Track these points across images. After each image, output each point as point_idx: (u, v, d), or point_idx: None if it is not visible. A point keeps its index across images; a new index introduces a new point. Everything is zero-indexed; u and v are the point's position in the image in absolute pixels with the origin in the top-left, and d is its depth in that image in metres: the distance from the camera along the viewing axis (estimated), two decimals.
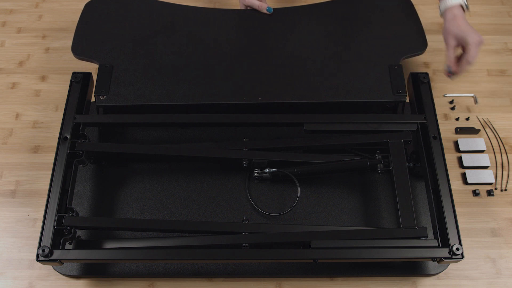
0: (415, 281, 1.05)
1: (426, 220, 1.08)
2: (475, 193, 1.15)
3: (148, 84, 1.14)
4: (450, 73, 1.15)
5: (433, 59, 1.36)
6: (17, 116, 1.26)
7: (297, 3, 1.44)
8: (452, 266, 1.06)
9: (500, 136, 1.23)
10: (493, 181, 1.16)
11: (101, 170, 1.15)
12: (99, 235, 1.07)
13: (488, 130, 1.24)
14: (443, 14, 1.16)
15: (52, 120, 1.25)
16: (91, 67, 1.24)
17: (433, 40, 1.35)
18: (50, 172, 1.03)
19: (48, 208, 0.99)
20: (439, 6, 1.17)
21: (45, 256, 0.94)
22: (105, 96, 1.12)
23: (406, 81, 1.18)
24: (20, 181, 1.17)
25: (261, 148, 1.09)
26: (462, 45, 1.13)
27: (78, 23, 1.23)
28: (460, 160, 1.19)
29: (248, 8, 1.28)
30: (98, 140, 1.17)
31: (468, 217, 1.12)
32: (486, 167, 1.18)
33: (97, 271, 1.05)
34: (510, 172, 1.18)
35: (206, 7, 1.29)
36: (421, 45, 1.19)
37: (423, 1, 1.45)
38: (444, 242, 0.97)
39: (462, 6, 1.14)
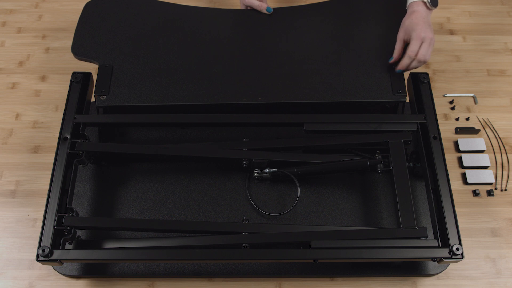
0: (415, 281, 1.05)
1: (426, 220, 1.08)
2: (475, 193, 1.15)
3: (148, 84, 1.14)
4: (397, 68, 1.14)
5: (433, 59, 1.36)
6: (17, 116, 1.26)
7: (297, 3, 1.44)
8: (452, 266, 1.06)
9: (500, 136, 1.23)
10: (493, 181, 1.16)
11: (101, 170, 1.15)
12: (99, 235, 1.07)
13: (488, 130, 1.24)
14: (407, 7, 1.17)
15: (52, 120, 1.25)
16: (91, 67, 1.24)
17: None
18: (50, 172, 1.03)
19: (48, 208, 0.99)
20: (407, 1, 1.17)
21: (45, 256, 0.94)
22: (105, 97, 1.12)
23: (406, 81, 1.18)
24: (20, 181, 1.17)
25: (261, 148, 1.09)
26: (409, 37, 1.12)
27: (78, 23, 1.23)
28: (460, 160, 1.19)
29: (248, 8, 1.28)
30: (98, 140, 1.17)
31: (468, 217, 1.12)
32: (486, 167, 1.18)
33: (97, 271, 1.05)
34: (510, 172, 1.18)
35: (206, 7, 1.29)
36: None
37: None
38: (444, 242, 0.97)
39: (425, 3, 1.13)
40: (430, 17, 1.14)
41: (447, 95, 1.30)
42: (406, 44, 1.14)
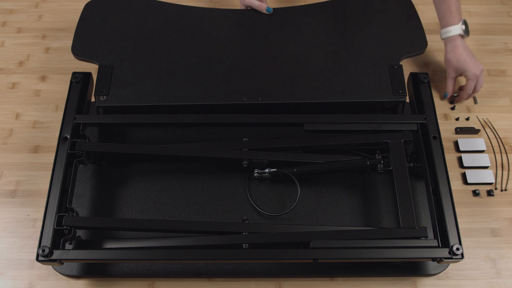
0: (415, 281, 1.05)
1: (426, 220, 1.08)
2: (475, 193, 1.15)
3: (148, 84, 1.14)
4: (447, 99, 1.25)
5: (433, 59, 1.36)
6: (17, 116, 1.26)
7: (297, 3, 1.44)
8: (452, 266, 1.06)
9: (500, 136, 1.23)
10: (493, 181, 1.16)
11: (101, 170, 1.15)
12: (99, 235, 1.07)
13: (488, 130, 1.24)
14: (444, 42, 1.21)
15: (52, 120, 1.25)
16: (91, 67, 1.24)
17: (433, 40, 1.35)
18: (50, 172, 1.03)
19: (48, 208, 0.99)
20: (440, 33, 1.21)
21: (45, 256, 0.94)
22: (105, 97, 1.12)
23: (406, 81, 1.18)
24: (20, 181, 1.17)
25: (261, 148, 1.09)
26: (463, 75, 1.20)
27: (78, 23, 1.23)
28: (460, 160, 1.19)
29: (248, 8, 1.28)
30: (98, 140, 1.17)
31: (468, 217, 1.12)
32: (486, 167, 1.18)
33: (97, 271, 1.05)
34: (510, 172, 1.18)
35: (206, 7, 1.29)
36: (421, 45, 1.19)
37: (423, 1, 1.45)
38: (444, 242, 0.97)
39: (461, 36, 1.19)
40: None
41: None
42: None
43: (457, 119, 1.26)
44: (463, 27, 1.18)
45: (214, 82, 1.15)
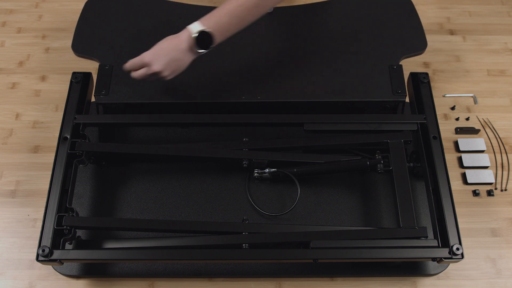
0: (415, 281, 1.05)
1: (426, 220, 1.08)
2: (475, 193, 1.15)
3: (147, 82, 1.13)
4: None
5: (433, 59, 1.36)
6: (17, 116, 1.26)
7: (297, 3, 1.44)
8: (452, 266, 1.06)
9: (500, 136, 1.23)
10: (493, 181, 1.16)
11: (101, 170, 1.15)
12: (99, 235, 1.07)
13: (488, 130, 1.24)
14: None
15: (52, 120, 1.25)
16: (91, 67, 1.24)
17: (433, 40, 1.35)
18: (50, 172, 1.02)
19: (48, 208, 0.99)
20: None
21: (45, 256, 0.94)
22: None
23: (406, 81, 1.18)
24: (20, 181, 1.17)
25: (261, 148, 1.09)
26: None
27: (78, 21, 1.23)
28: (460, 160, 1.19)
29: None
30: (98, 140, 1.17)
31: (468, 217, 1.12)
32: (486, 167, 1.18)
33: (97, 271, 1.05)
34: (510, 172, 1.18)
35: (206, 5, 1.29)
36: (421, 45, 1.19)
37: (423, 1, 1.45)
38: (444, 242, 0.97)
39: (195, 38, 1.00)
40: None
41: (447, 95, 1.30)
42: None
43: (457, 119, 1.26)
44: (197, 33, 1.00)
45: (213, 80, 1.15)
